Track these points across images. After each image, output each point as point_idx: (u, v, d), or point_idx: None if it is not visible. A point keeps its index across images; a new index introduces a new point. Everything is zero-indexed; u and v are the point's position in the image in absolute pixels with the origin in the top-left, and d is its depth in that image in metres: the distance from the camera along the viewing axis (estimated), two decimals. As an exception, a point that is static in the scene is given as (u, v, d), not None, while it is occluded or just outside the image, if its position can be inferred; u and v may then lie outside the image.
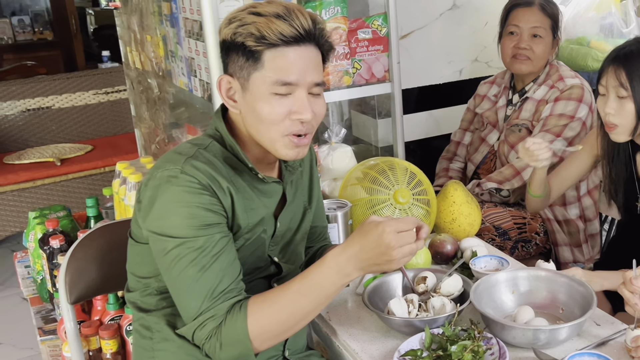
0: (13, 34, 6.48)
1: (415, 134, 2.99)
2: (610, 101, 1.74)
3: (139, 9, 2.50)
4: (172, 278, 1.27)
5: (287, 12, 1.26)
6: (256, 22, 1.24)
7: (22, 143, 4.11)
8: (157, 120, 2.61)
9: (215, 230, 1.26)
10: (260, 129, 1.31)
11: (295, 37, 1.26)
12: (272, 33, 1.24)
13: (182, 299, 1.27)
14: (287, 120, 1.29)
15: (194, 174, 1.25)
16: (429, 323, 1.41)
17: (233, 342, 1.24)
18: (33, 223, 2.44)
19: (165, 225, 1.25)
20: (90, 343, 1.99)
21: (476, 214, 1.97)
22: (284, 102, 1.28)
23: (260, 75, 1.27)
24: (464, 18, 2.97)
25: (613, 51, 1.77)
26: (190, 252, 1.24)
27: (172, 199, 1.25)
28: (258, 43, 1.25)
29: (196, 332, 1.26)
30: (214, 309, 1.24)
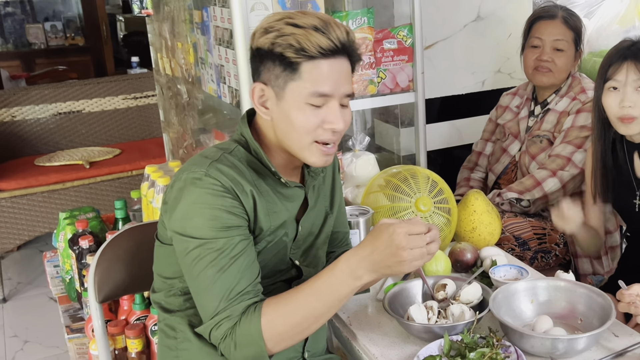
0: (46, 39, 6.61)
1: (437, 143, 3.01)
2: (629, 95, 1.79)
3: (170, 16, 2.56)
4: (192, 278, 1.31)
5: (324, 24, 1.29)
6: (295, 34, 1.28)
7: (53, 146, 4.19)
8: (186, 126, 2.66)
9: (235, 232, 1.30)
10: (292, 137, 1.34)
11: (332, 49, 1.29)
12: (311, 45, 1.27)
13: (200, 298, 1.31)
14: (320, 129, 1.33)
15: (217, 177, 1.29)
16: (448, 330, 1.43)
17: (247, 342, 1.27)
18: (63, 223, 2.50)
19: (188, 226, 1.29)
20: (116, 342, 2.04)
21: (496, 224, 1.99)
22: (317, 112, 1.32)
23: (296, 85, 1.30)
24: (487, 30, 2.99)
25: (619, 50, 1.83)
26: (210, 252, 1.28)
27: (196, 200, 1.29)
28: (297, 55, 1.28)
29: (212, 331, 1.30)
30: (230, 309, 1.28)
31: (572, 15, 2.38)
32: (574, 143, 2.27)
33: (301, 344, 1.51)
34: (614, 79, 1.81)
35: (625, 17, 2.84)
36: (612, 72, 1.81)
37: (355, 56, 1.36)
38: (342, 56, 1.32)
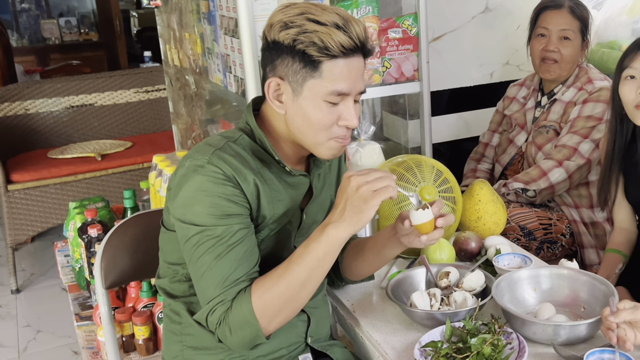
0: (60, 35, 6.68)
1: (445, 135, 3.01)
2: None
3: (178, 7, 2.58)
4: (192, 264, 1.33)
5: (345, 22, 1.30)
6: (318, 32, 1.27)
7: (66, 138, 4.23)
8: (194, 116, 2.68)
9: (235, 220, 1.31)
10: (307, 132, 1.36)
11: (352, 48, 1.30)
12: (334, 44, 1.28)
13: (199, 284, 1.33)
14: (335, 126, 1.35)
15: (219, 165, 1.31)
16: (450, 316, 1.44)
17: (241, 324, 1.29)
18: (73, 213, 2.53)
19: (189, 213, 1.31)
20: (124, 329, 2.06)
21: (501, 213, 1.98)
22: (334, 109, 1.33)
23: (316, 83, 1.31)
24: (496, 21, 2.98)
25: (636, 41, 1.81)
26: (209, 239, 1.30)
27: (197, 187, 1.30)
28: (320, 53, 1.28)
29: (208, 317, 1.32)
30: (224, 294, 1.30)
31: (579, 5, 2.37)
32: (580, 133, 2.26)
33: (304, 329, 1.52)
34: (630, 66, 1.80)
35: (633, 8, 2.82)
36: (628, 61, 1.80)
37: (369, 53, 1.37)
38: (359, 54, 1.33)
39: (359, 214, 1.25)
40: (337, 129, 1.36)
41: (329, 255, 1.29)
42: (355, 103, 1.38)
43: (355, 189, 1.24)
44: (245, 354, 1.42)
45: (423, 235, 1.38)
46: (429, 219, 1.36)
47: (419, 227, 1.37)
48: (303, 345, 1.53)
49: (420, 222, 1.36)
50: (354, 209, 1.25)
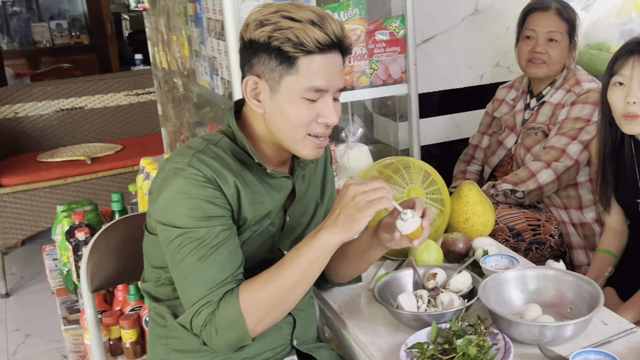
0: (51, 38, 6.66)
1: (436, 137, 3.02)
2: (635, 90, 1.75)
3: (166, 10, 2.57)
4: (174, 266, 1.33)
5: (320, 19, 1.30)
6: (293, 28, 1.28)
7: (55, 142, 4.22)
8: (182, 119, 2.68)
9: (217, 222, 1.31)
10: (286, 130, 1.35)
11: (328, 44, 1.30)
12: (309, 40, 1.28)
13: (182, 287, 1.33)
14: (314, 123, 1.35)
15: (199, 168, 1.31)
16: (437, 318, 1.44)
17: (228, 324, 1.28)
18: (61, 216, 2.52)
19: (170, 215, 1.31)
20: (111, 332, 2.05)
21: (489, 214, 1.99)
22: (312, 106, 1.33)
23: (293, 80, 1.31)
24: (485, 23, 2.98)
25: (628, 45, 1.80)
26: (191, 242, 1.29)
27: (178, 190, 1.30)
28: (296, 49, 1.28)
29: (193, 319, 1.31)
30: (210, 295, 1.29)
31: (566, 6, 2.38)
32: (569, 135, 2.27)
33: (289, 331, 1.51)
34: (619, 73, 1.78)
35: (622, 10, 2.83)
36: (618, 67, 1.79)
37: (347, 50, 1.37)
38: (336, 50, 1.33)
39: (352, 222, 1.25)
40: (315, 126, 1.35)
41: (320, 260, 1.29)
42: (335, 101, 1.38)
43: (351, 197, 1.26)
44: (231, 356, 1.42)
45: (415, 240, 1.39)
46: (417, 225, 1.37)
47: (410, 235, 1.39)
48: (289, 347, 1.52)
49: (410, 231, 1.38)
50: (348, 217, 1.25)
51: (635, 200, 1.91)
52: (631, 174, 1.90)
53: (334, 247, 1.28)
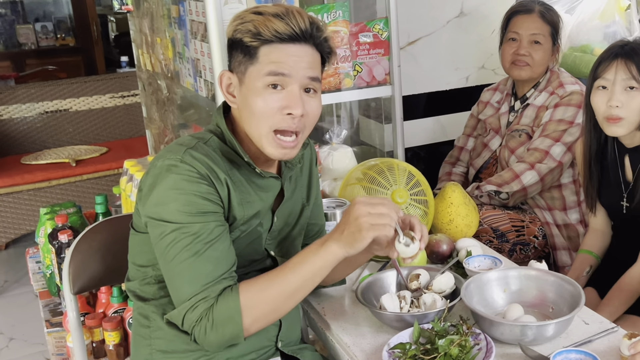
0: (36, 40, 6.60)
1: (422, 139, 3.02)
2: (617, 94, 1.76)
3: (149, 12, 2.57)
4: (167, 262, 1.31)
5: (286, 12, 1.31)
6: (254, 20, 1.31)
7: (40, 144, 4.20)
8: (166, 121, 2.67)
9: (211, 218, 1.31)
10: (252, 123, 1.35)
11: (291, 35, 1.31)
12: (267, 30, 1.30)
13: (174, 282, 1.31)
14: (279, 114, 1.33)
15: (192, 164, 1.30)
16: (419, 318, 1.44)
17: (225, 321, 1.28)
18: (44, 219, 2.51)
19: (164, 211, 1.30)
20: (94, 334, 2.04)
21: (473, 216, 1.99)
22: (276, 96, 1.33)
23: (255, 70, 1.32)
24: (471, 26, 3.00)
25: (612, 49, 1.81)
26: (186, 237, 1.28)
27: (171, 186, 1.30)
28: (253, 39, 1.31)
29: (187, 314, 1.29)
30: (207, 291, 1.29)
31: (549, 9, 2.40)
32: (552, 136, 2.28)
33: (275, 333, 1.51)
34: (603, 77, 1.79)
35: (605, 12, 2.86)
36: (601, 70, 1.79)
37: (324, 47, 1.37)
38: (305, 44, 1.33)
39: (352, 241, 1.28)
40: (280, 119, 1.34)
41: (323, 270, 1.30)
42: (309, 96, 1.36)
43: (355, 217, 1.27)
44: (215, 357, 1.41)
45: (407, 259, 1.41)
46: (416, 251, 1.39)
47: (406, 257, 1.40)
48: (273, 349, 1.52)
49: (409, 255, 1.39)
50: (351, 234, 1.28)
51: (619, 202, 1.92)
52: (615, 176, 1.91)
53: (338, 259, 1.30)
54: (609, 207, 1.98)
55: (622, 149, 1.89)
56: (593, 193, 1.98)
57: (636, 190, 1.86)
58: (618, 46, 1.80)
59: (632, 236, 1.92)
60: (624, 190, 1.90)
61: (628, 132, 1.82)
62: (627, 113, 1.77)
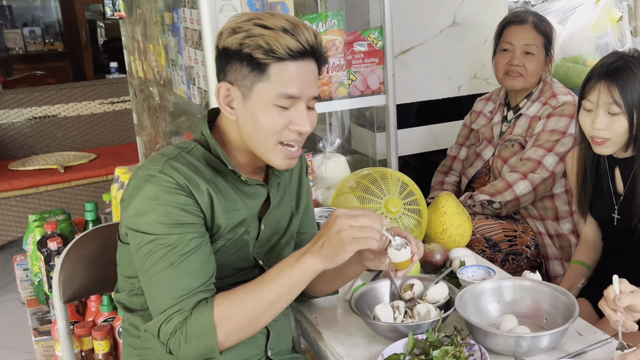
0: (24, 45, 6.57)
1: (414, 148, 3.02)
2: (600, 117, 1.76)
3: (142, 19, 2.56)
4: (143, 273, 1.31)
5: (293, 26, 1.30)
6: (264, 35, 1.28)
7: (28, 150, 4.17)
8: (158, 128, 2.66)
9: (188, 229, 1.30)
10: (258, 138, 1.34)
11: (301, 51, 1.30)
12: (280, 47, 1.27)
13: (151, 294, 1.31)
14: (286, 130, 1.34)
15: (171, 174, 1.30)
16: (413, 329, 1.43)
17: (199, 334, 1.27)
18: (32, 226, 2.48)
19: (141, 222, 1.30)
20: (83, 343, 2.02)
21: (467, 225, 1.99)
22: (284, 113, 1.32)
23: (264, 87, 1.31)
24: (463, 35, 3.01)
25: (599, 67, 1.79)
26: (162, 248, 1.28)
27: (149, 196, 1.29)
28: (266, 56, 1.28)
29: (162, 326, 1.29)
30: (181, 303, 1.28)
31: (543, 20, 2.42)
32: (545, 147, 2.29)
33: (263, 342, 1.50)
34: (587, 99, 1.78)
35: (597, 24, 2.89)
36: (587, 91, 1.78)
37: (322, 59, 1.37)
38: (310, 59, 1.33)
39: (333, 255, 1.26)
40: (287, 133, 1.34)
41: (300, 284, 1.29)
42: (310, 110, 1.37)
43: (336, 231, 1.25)
44: (206, 366, 1.40)
45: (400, 271, 1.40)
46: (408, 257, 1.39)
47: (397, 264, 1.40)
48: (263, 357, 1.51)
49: (401, 260, 1.39)
50: (331, 248, 1.26)
51: (611, 215, 1.92)
52: (606, 188, 1.92)
53: (316, 272, 1.28)
54: (601, 219, 1.98)
55: (613, 160, 1.89)
56: (585, 205, 1.98)
57: (627, 203, 1.87)
58: (605, 66, 1.77)
59: (623, 248, 1.93)
60: (614, 202, 1.91)
61: (614, 152, 1.82)
62: (611, 134, 1.76)
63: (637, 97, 1.73)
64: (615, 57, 1.80)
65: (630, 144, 1.78)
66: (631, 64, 1.75)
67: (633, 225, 1.85)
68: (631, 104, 1.72)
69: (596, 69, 1.79)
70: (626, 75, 1.73)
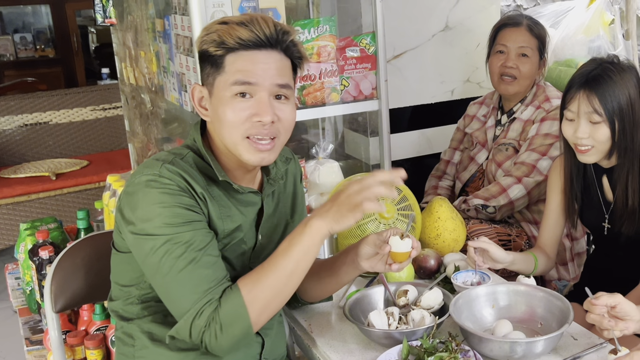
0: (15, 51, 6.54)
1: (407, 152, 3.02)
2: (582, 126, 1.74)
3: (134, 25, 2.55)
4: (163, 275, 1.28)
5: (250, 20, 1.31)
6: (219, 30, 1.31)
7: (19, 157, 4.15)
8: (150, 135, 2.64)
9: (199, 226, 1.30)
10: (225, 133, 1.34)
11: (255, 41, 1.30)
12: (230, 38, 1.29)
13: (173, 294, 1.29)
14: (248, 122, 1.32)
15: (171, 178, 1.30)
16: (408, 335, 1.43)
17: (233, 319, 1.26)
18: (24, 234, 2.47)
19: (150, 227, 1.28)
20: (76, 353, 2.01)
21: (461, 230, 1.99)
22: (244, 104, 1.32)
23: (222, 80, 1.32)
24: (456, 39, 3.01)
25: (578, 76, 1.76)
26: (179, 246, 1.27)
27: (154, 201, 1.28)
28: (218, 48, 1.30)
29: (194, 322, 1.27)
30: (210, 294, 1.27)
31: (537, 24, 2.42)
32: (539, 150, 2.29)
33: (258, 350, 1.49)
34: (568, 108, 1.77)
35: (590, 27, 2.89)
36: (567, 100, 1.77)
37: (292, 52, 1.36)
38: (272, 49, 1.32)
39: (342, 216, 1.26)
40: (250, 126, 1.33)
41: (312, 249, 1.29)
42: (281, 102, 1.35)
43: (347, 195, 1.25)
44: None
45: (395, 264, 1.41)
46: (408, 249, 1.40)
47: (396, 255, 1.41)
48: (259, 365, 1.50)
49: (401, 250, 1.40)
50: (339, 212, 1.26)
51: (601, 224, 1.91)
52: (595, 197, 1.91)
53: (323, 235, 1.28)
54: (592, 227, 1.97)
55: (599, 169, 1.88)
56: (574, 214, 1.94)
57: (617, 212, 1.85)
58: (584, 74, 1.75)
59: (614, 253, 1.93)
60: (605, 211, 1.90)
61: (599, 159, 1.81)
62: (594, 142, 1.75)
63: (617, 105, 1.71)
64: (593, 64, 1.77)
65: (613, 151, 1.77)
66: (609, 71, 1.72)
67: (622, 231, 1.84)
68: (612, 112, 1.71)
69: (575, 78, 1.77)
70: (605, 83, 1.71)
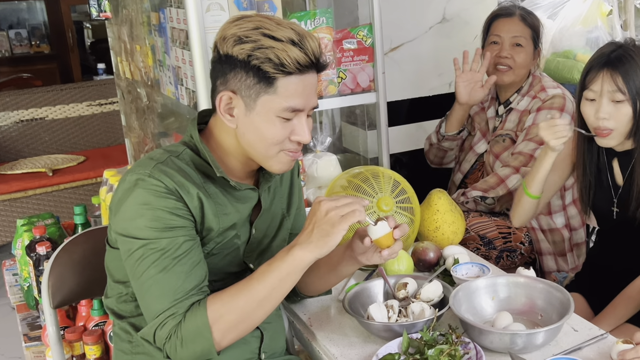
0: (10, 47, 6.51)
1: (405, 145, 3.01)
2: (604, 106, 1.74)
3: (129, 19, 2.54)
4: (136, 278, 1.30)
5: (300, 38, 1.29)
6: (274, 48, 1.26)
7: (15, 154, 4.14)
8: (146, 130, 2.64)
9: (179, 233, 1.29)
10: (259, 146, 1.35)
11: (307, 65, 1.30)
12: (290, 62, 1.27)
13: (144, 299, 1.30)
14: (287, 140, 1.35)
15: (160, 178, 1.29)
16: (408, 328, 1.43)
17: (194, 337, 1.26)
18: (21, 230, 2.46)
19: (131, 227, 1.29)
20: (74, 348, 2.01)
21: (460, 223, 1.99)
22: (287, 125, 1.33)
23: (270, 99, 1.30)
24: (453, 31, 3.00)
25: (598, 57, 1.77)
26: (153, 253, 1.27)
27: (139, 201, 1.28)
28: (276, 70, 1.27)
29: (157, 332, 1.28)
30: (175, 307, 1.27)
31: (530, 13, 2.43)
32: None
33: (257, 345, 1.49)
34: (590, 88, 1.76)
35: (587, 18, 2.88)
36: (589, 81, 1.76)
37: (322, 68, 1.37)
38: (314, 70, 1.33)
39: (326, 238, 1.26)
40: (288, 143, 1.36)
41: (292, 276, 1.28)
42: (308, 117, 1.38)
43: (324, 213, 1.26)
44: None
45: (384, 250, 1.39)
46: (386, 231, 1.37)
47: (379, 242, 1.39)
48: (257, 361, 1.50)
49: (379, 235, 1.37)
50: (322, 232, 1.26)
51: (610, 208, 1.91)
52: (605, 181, 1.91)
53: (307, 263, 1.28)
54: (601, 212, 1.95)
55: (611, 152, 1.88)
56: (588, 200, 1.94)
57: (626, 195, 1.85)
58: (607, 54, 1.76)
59: (618, 242, 1.92)
60: (614, 195, 1.90)
61: (619, 143, 1.81)
62: (616, 124, 1.75)
63: (639, 84, 1.72)
64: (614, 46, 1.78)
65: (631, 133, 1.77)
66: (631, 51, 1.74)
67: (630, 215, 1.84)
68: (635, 90, 1.72)
69: (595, 59, 1.77)
70: (627, 62, 1.72)
